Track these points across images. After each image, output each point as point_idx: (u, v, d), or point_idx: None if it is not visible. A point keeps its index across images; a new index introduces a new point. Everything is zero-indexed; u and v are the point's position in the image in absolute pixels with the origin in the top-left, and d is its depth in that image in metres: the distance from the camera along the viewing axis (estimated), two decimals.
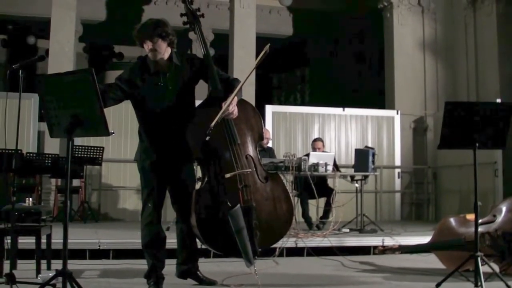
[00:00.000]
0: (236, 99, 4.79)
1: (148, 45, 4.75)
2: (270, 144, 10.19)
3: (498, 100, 10.54)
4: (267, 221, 4.90)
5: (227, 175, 4.82)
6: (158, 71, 4.87)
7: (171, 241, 5.19)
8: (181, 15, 5.29)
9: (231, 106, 4.72)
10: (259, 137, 5.17)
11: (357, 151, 9.68)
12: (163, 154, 4.88)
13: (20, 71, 4.77)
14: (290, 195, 5.35)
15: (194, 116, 4.91)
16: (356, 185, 9.44)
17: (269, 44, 4.54)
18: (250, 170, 4.91)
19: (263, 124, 5.30)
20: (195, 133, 4.81)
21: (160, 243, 4.98)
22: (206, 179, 4.93)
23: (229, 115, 4.77)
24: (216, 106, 4.81)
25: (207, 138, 4.67)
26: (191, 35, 15.35)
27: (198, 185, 5.18)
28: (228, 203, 4.78)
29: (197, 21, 5.24)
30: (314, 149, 9.86)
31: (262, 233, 4.80)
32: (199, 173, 5.59)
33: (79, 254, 6.88)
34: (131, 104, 4.97)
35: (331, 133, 13.06)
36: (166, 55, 4.87)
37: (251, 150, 5.04)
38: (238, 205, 4.75)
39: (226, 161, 4.88)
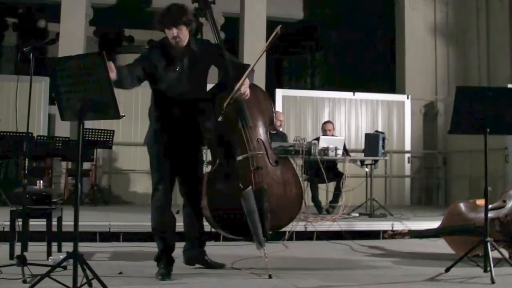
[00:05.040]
0: (248, 81, 4.85)
1: (173, 32, 4.77)
2: (283, 128, 10.18)
3: (510, 86, 10.49)
4: (277, 204, 4.93)
5: (239, 157, 4.88)
6: (176, 57, 4.89)
7: (180, 224, 5.22)
8: (193, 1, 5.29)
9: (243, 87, 4.78)
10: (270, 121, 5.22)
11: (367, 136, 9.67)
12: (174, 137, 4.91)
13: (31, 54, 4.80)
14: (300, 179, 5.37)
15: (206, 100, 4.93)
16: (366, 169, 9.43)
17: (280, 25, 4.59)
18: (262, 152, 4.96)
19: (274, 108, 5.33)
20: (209, 116, 4.87)
21: (170, 226, 5.01)
22: (217, 161, 4.99)
23: (241, 95, 4.83)
24: (228, 90, 4.85)
25: (219, 118, 4.73)
26: (201, 19, 15.27)
27: (208, 168, 5.21)
28: (240, 185, 4.81)
29: (209, 7, 5.26)
30: (324, 131, 9.87)
31: (272, 216, 4.84)
32: (209, 157, 5.62)
33: (89, 236, 6.93)
34: (150, 86, 5.00)
35: (341, 118, 13.04)
36: (185, 41, 4.88)
37: (262, 133, 5.08)
38: (250, 186, 4.79)
39: (238, 144, 4.93)
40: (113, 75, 4.18)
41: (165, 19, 4.79)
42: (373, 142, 9.24)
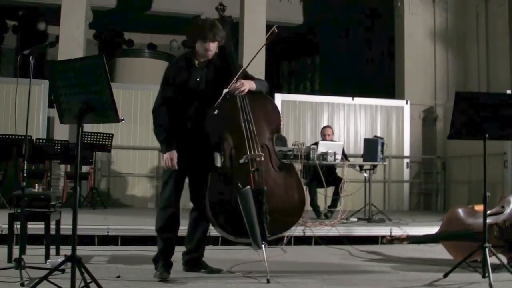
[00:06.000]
0: (253, 85, 5.09)
1: (208, 45, 4.98)
2: (283, 132, 10.17)
3: (509, 91, 10.50)
4: (278, 209, 4.95)
5: (241, 160, 4.98)
6: (198, 68, 5.12)
7: (182, 228, 5.24)
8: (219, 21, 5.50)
9: (238, 83, 4.98)
10: (276, 130, 5.32)
11: (366, 141, 9.68)
12: (188, 143, 5.03)
13: (31, 57, 4.80)
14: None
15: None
16: (365, 174, 9.43)
17: (276, 25, 4.94)
18: (263, 154, 5.03)
19: (281, 120, 5.40)
20: (212, 118, 5.02)
21: (173, 227, 5.09)
22: (221, 163, 5.13)
23: (235, 90, 5.01)
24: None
25: (215, 112, 4.93)
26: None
27: None
28: (239, 184, 4.88)
29: (227, 25, 5.45)
30: (323, 136, 9.88)
31: (272, 220, 4.85)
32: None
33: (87, 240, 6.93)
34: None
35: (340, 122, 13.04)
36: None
37: (267, 140, 5.17)
38: (248, 186, 4.86)
39: (240, 146, 5.03)
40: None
41: (206, 32, 4.96)
42: (372, 147, 9.24)
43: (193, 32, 5.10)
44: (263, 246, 4.79)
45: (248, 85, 5.04)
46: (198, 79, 5.08)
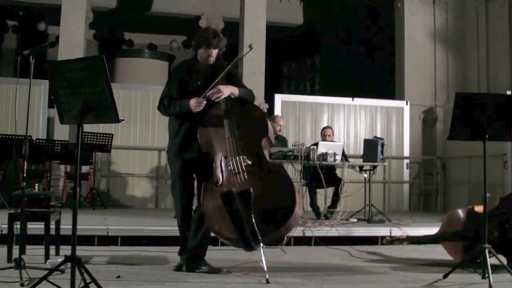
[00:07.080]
0: (235, 91, 5.30)
1: (211, 51, 5.30)
2: (283, 133, 10.15)
3: (509, 92, 10.50)
4: (267, 210, 4.91)
5: (229, 165, 5.09)
6: (199, 72, 5.40)
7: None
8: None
9: (215, 89, 5.19)
10: (263, 135, 5.32)
11: (366, 141, 9.67)
12: (195, 146, 5.23)
13: (31, 57, 4.80)
14: (299, 184, 5.40)
15: None
16: (365, 175, 9.42)
17: (251, 43, 5.52)
18: (245, 157, 5.13)
19: (268, 130, 5.41)
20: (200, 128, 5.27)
21: (186, 219, 5.31)
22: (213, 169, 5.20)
23: (214, 94, 5.19)
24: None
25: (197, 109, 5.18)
26: (201, 23, 15.34)
27: None
28: (225, 188, 4.99)
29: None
30: (323, 137, 9.88)
31: (263, 221, 4.82)
32: None
33: (87, 240, 6.92)
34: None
35: (340, 123, 13.04)
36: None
37: (254, 145, 5.23)
38: (233, 189, 4.93)
39: (226, 152, 5.16)
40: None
41: (210, 40, 5.26)
42: (372, 147, 9.24)
43: (197, 39, 5.36)
44: (259, 247, 4.78)
45: (227, 91, 5.23)
46: (199, 83, 5.30)
